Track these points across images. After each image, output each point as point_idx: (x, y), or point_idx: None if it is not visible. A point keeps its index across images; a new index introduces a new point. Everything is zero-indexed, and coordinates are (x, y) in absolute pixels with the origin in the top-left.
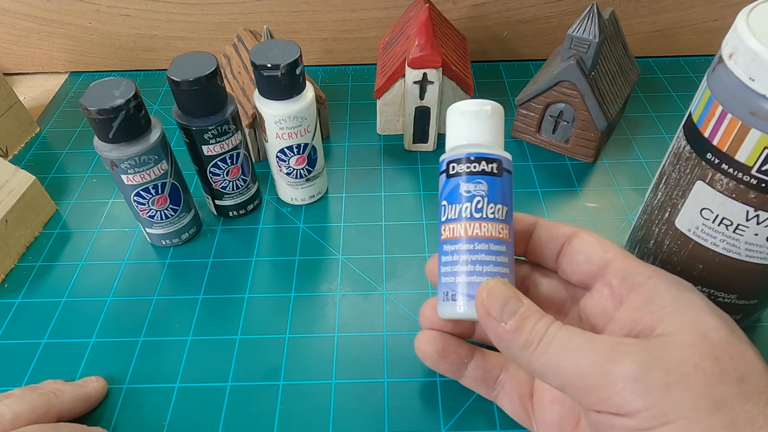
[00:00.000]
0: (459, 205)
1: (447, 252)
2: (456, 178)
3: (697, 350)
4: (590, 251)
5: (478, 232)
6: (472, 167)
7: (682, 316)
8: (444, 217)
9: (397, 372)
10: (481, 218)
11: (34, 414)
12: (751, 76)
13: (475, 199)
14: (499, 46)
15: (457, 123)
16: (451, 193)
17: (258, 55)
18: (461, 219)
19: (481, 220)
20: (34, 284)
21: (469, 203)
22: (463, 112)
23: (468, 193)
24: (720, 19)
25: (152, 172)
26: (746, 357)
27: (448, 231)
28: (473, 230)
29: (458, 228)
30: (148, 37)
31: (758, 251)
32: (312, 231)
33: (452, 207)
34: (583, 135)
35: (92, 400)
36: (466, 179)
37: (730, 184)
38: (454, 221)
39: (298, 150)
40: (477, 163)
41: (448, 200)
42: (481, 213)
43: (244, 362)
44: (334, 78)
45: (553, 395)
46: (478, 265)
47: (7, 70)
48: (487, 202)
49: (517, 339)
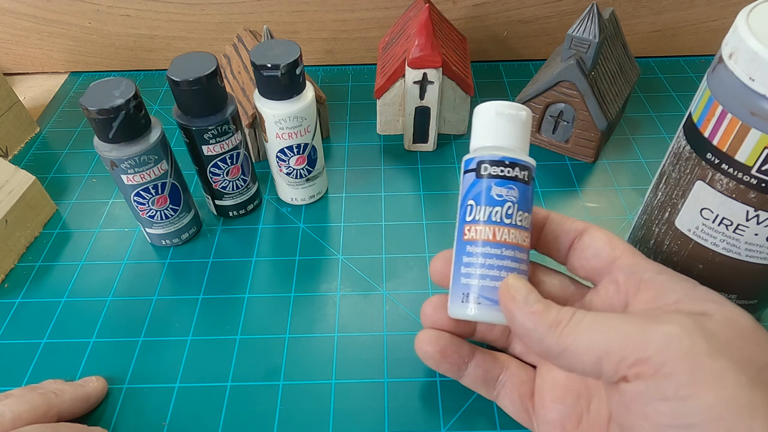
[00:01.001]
0: (489, 207)
1: (470, 253)
2: (488, 179)
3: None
4: (599, 247)
5: (507, 237)
6: (506, 171)
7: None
8: (470, 216)
9: (397, 372)
10: (510, 224)
11: (35, 414)
12: (751, 76)
13: (506, 204)
14: (499, 46)
15: (491, 123)
16: (480, 195)
17: (258, 55)
18: (490, 222)
19: (510, 226)
20: (34, 284)
21: (500, 207)
22: (499, 113)
23: (500, 197)
24: (720, 19)
25: (152, 172)
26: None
27: (473, 232)
28: (502, 235)
29: (486, 231)
30: (148, 37)
31: (758, 251)
32: (312, 231)
33: (480, 208)
34: (583, 135)
35: (92, 400)
36: (498, 183)
37: (730, 184)
38: (481, 223)
39: (298, 150)
40: (511, 168)
41: (476, 200)
42: (511, 219)
43: (244, 362)
44: (334, 78)
45: (555, 394)
46: (503, 271)
47: (7, 70)
48: (517, 209)
49: (545, 318)
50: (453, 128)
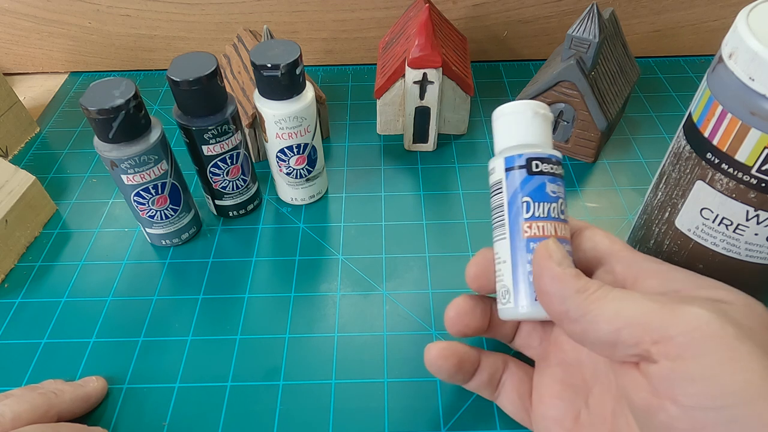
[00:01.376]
0: (547, 204)
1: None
2: (541, 176)
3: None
4: (598, 240)
5: (564, 233)
6: (555, 169)
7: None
8: (528, 213)
9: (397, 372)
10: (564, 220)
11: (35, 414)
12: (751, 75)
13: (560, 200)
14: (499, 46)
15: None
16: (536, 191)
17: (258, 55)
18: (550, 218)
19: (564, 222)
20: (34, 284)
21: (556, 204)
22: (536, 113)
23: (554, 193)
24: (720, 19)
25: (152, 172)
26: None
27: (536, 229)
28: (562, 231)
29: (548, 227)
30: (148, 37)
31: (758, 251)
32: (312, 231)
33: (539, 205)
34: (583, 135)
35: (92, 400)
36: (551, 179)
37: (730, 184)
38: (543, 219)
39: (298, 150)
40: (557, 165)
41: (532, 197)
42: (564, 215)
43: (244, 362)
44: (334, 78)
45: (553, 390)
46: None
47: (7, 70)
48: (565, 205)
49: (574, 282)
50: (453, 128)
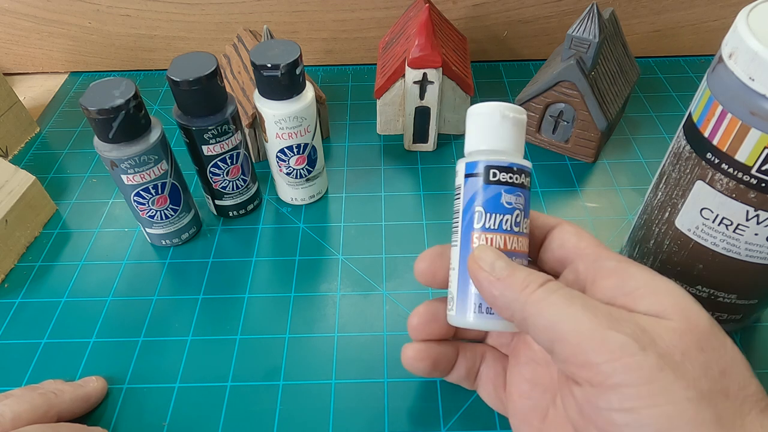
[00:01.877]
0: (500, 215)
1: None
2: (498, 186)
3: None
4: (565, 238)
5: (516, 246)
6: (515, 178)
7: (662, 298)
8: (479, 224)
9: (397, 372)
10: (518, 232)
11: (35, 414)
12: (751, 76)
13: (515, 212)
14: (499, 46)
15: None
16: (489, 201)
17: (258, 55)
18: (501, 231)
19: (518, 234)
20: (34, 284)
21: (510, 215)
22: (504, 116)
23: (509, 204)
24: (720, 19)
25: (152, 172)
26: (727, 348)
27: (483, 240)
28: (512, 244)
29: (497, 239)
30: (148, 37)
31: (758, 251)
32: (312, 231)
33: (491, 216)
34: (583, 135)
35: (92, 400)
36: (508, 190)
37: (730, 184)
38: (492, 231)
39: (298, 150)
40: (519, 175)
41: (485, 208)
42: (519, 227)
43: (244, 362)
44: (334, 78)
45: (522, 389)
46: None
47: (7, 70)
48: (523, 217)
49: (512, 282)
50: (453, 128)
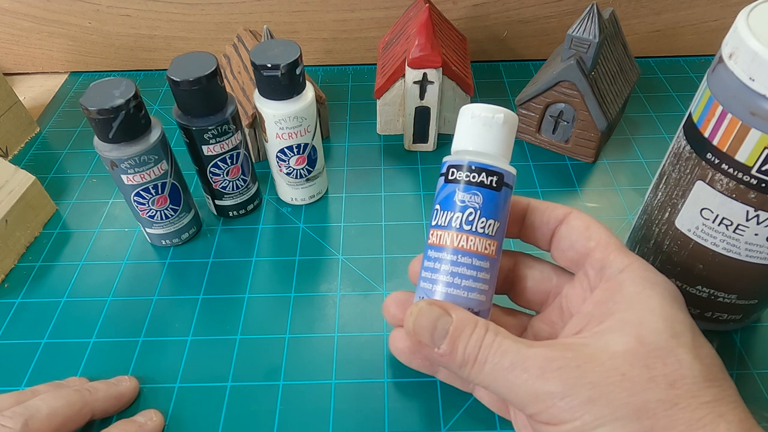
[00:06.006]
0: (451, 213)
1: (431, 258)
2: (453, 184)
3: (628, 358)
4: (574, 239)
5: (464, 245)
6: (471, 177)
7: (626, 315)
8: (434, 221)
9: (397, 372)
10: (469, 231)
11: (71, 410)
12: (751, 76)
13: (468, 211)
14: (499, 46)
15: (466, 126)
16: (445, 199)
17: (258, 55)
18: (450, 228)
19: (469, 233)
20: (34, 284)
21: (461, 213)
22: (474, 116)
23: (462, 203)
24: (720, 19)
25: (152, 172)
26: (682, 362)
27: (435, 237)
28: (459, 242)
29: (445, 236)
30: (148, 37)
31: (758, 251)
32: (312, 231)
33: (444, 213)
34: (583, 135)
35: (125, 399)
36: (463, 188)
37: (730, 184)
38: (442, 228)
39: (298, 150)
40: (477, 174)
41: (441, 205)
42: (471, 226)
43: (244, 362)
44: (334, 78)
45: None
46: (457, 278)
47: (7, 70)
48: (479, 216)
49: (453, 361)
50: (453, 128)
